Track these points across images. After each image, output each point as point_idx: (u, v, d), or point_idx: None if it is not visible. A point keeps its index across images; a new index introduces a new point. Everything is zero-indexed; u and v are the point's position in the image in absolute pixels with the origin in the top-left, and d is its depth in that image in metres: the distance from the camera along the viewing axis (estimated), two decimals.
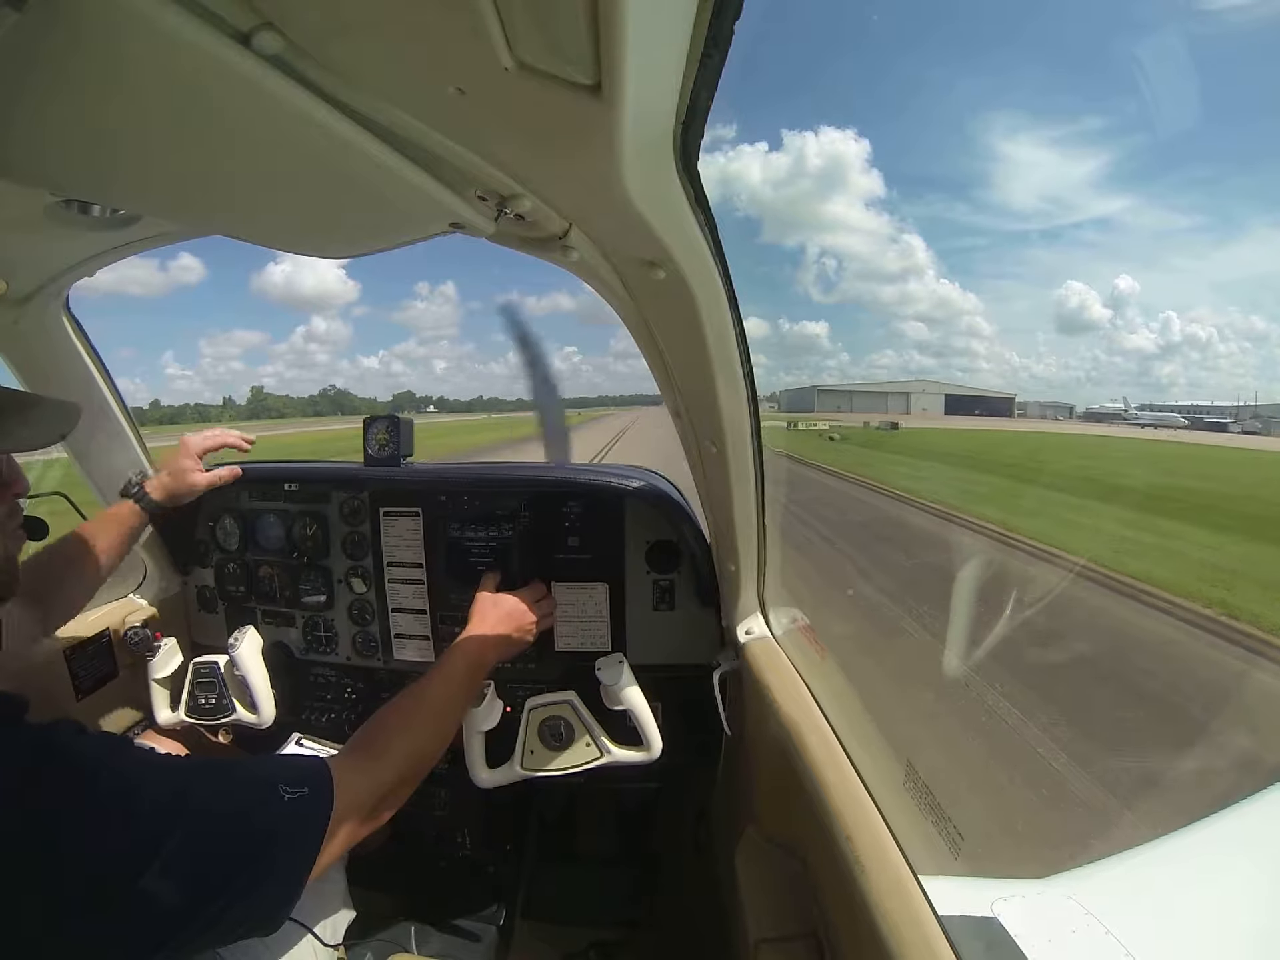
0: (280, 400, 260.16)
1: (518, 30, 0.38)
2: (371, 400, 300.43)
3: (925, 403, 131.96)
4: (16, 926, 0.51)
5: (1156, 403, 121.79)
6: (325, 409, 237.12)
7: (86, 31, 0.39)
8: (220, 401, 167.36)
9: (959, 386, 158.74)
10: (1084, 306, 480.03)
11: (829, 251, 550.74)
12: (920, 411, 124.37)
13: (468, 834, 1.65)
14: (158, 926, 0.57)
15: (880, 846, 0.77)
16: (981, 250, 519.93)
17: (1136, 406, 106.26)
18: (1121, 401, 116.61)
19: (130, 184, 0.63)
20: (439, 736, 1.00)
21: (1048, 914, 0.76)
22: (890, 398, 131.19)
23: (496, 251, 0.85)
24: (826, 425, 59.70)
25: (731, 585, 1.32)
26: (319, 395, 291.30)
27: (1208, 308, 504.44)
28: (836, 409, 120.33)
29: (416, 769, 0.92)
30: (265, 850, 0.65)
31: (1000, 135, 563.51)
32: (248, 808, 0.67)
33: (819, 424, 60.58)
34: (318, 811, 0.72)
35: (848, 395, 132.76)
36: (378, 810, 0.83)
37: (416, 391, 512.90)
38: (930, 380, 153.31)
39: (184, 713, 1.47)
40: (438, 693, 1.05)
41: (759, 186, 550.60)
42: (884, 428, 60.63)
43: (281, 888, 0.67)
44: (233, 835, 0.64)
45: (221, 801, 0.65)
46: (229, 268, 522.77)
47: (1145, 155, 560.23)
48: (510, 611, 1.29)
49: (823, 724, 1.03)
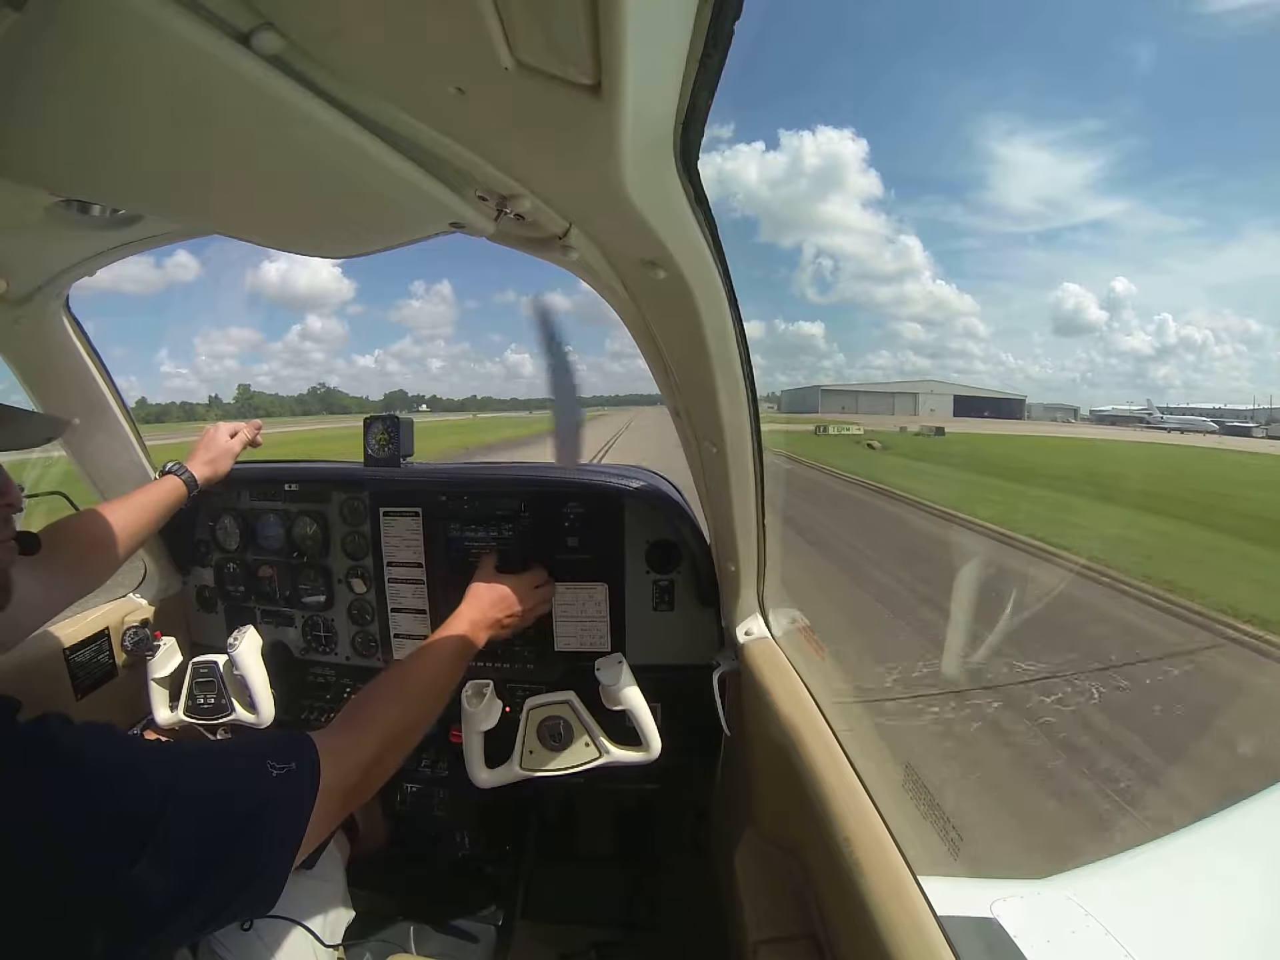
0: (268, 399, 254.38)
1: (518, 30, 0.38)
2: (362, 399, 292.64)
3: (933, 403, 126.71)
4: (17, 921, 0.52)
5: (1175, 405, 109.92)
6: (314, 408, 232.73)
7: (86, 31, 0.39)
8: (206, 400, 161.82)
9: (967, 387, 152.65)
10: (1080, 309, 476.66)
11: (825, 252, 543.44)
12: (929, 413, 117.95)
13: (467, 834, 1.65)
14: (155, 909, 0.57)
15: (880, 847, 0.77)
16: (978, 252, 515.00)
17: (1160, 409, 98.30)
18: (1144, 404, 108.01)
19: (130, 184, 0.63)
20: (425, 711, 1.00)
21: (1047, 914, 0.76)
22: (897, 398, 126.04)
23: (492, 251, 0.85)
24: (860, 429, 52.52)
25: (731, 585, 1.32)
26: (308, 394, 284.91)
27: (1203, 310, 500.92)
28: (841, 409, 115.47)
29: (402, 741, 0.92)
30: (256, 826, 0.65)
31: (997, 138, 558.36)
32: (236, 787, 0.67)
33: (851, 427, 53.89)
34: (305, 785, 0.72)
35: (853, 395, 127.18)
36: (364, 783, 0.83)
37: (409, 390, 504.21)
38: (937, 380, 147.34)
39: (183, 712, 1.47)
40: (425, 667, 1.06)
41: (756, 186, 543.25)
42: (926, 433, 51.87)
43: (273, 864, 0.67)
44: (223, 814, 0.64)
45: (210, 782, 0.65)
46: (224, 266, 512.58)
47: (1141, 158, 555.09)
48: (504, 595, 1.31)
49: (822, 725, 1.03)
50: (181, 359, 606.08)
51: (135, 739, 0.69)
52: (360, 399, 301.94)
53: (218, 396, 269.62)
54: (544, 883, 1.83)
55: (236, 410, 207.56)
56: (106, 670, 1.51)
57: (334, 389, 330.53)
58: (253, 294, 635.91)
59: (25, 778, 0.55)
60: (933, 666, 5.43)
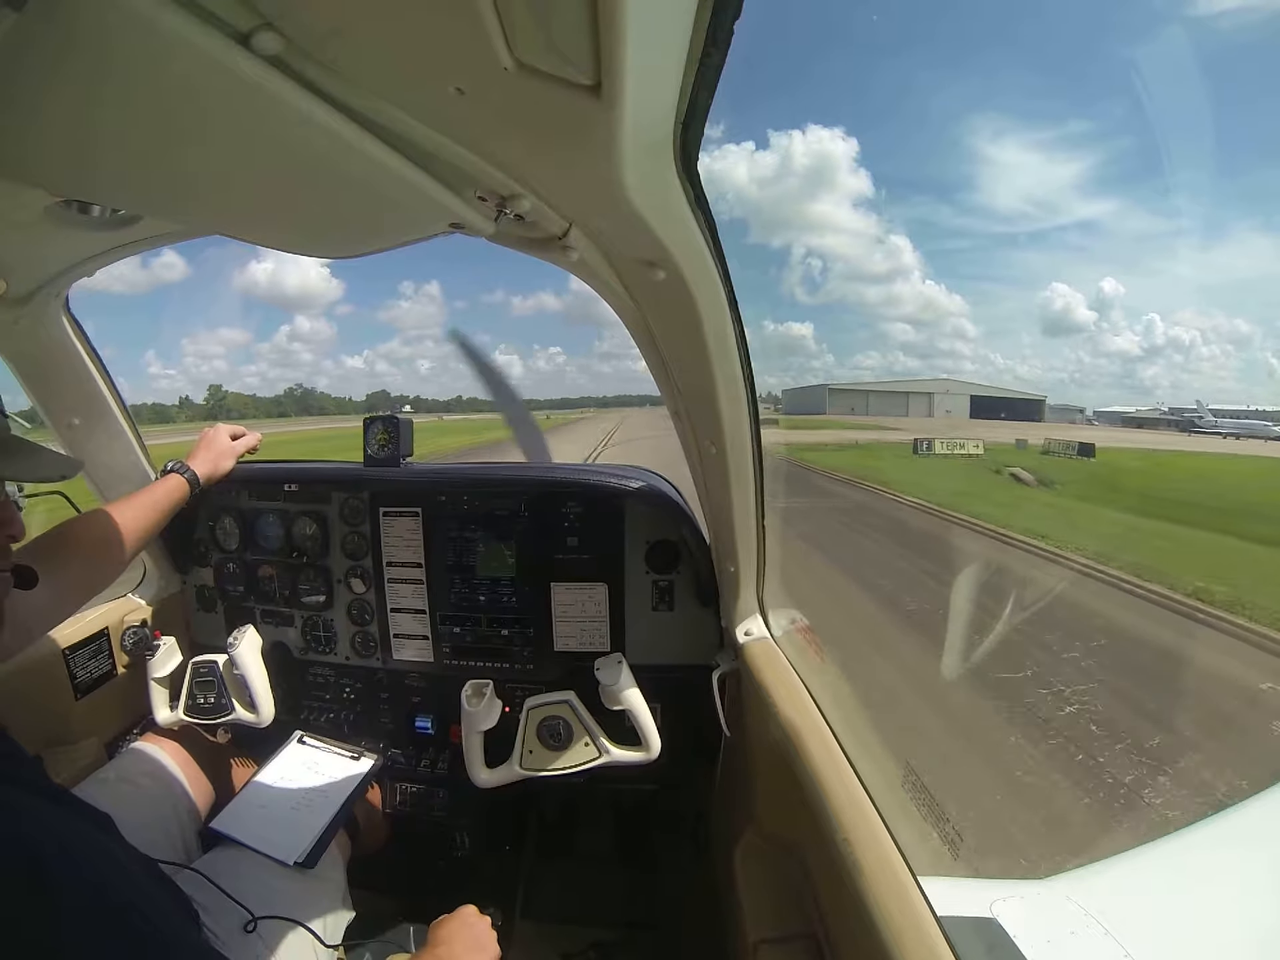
0: (241, 400, 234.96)
1: (518, 30, 0.38)
2: (341, 400, 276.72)
3: (949, 404, 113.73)
4: None
5: (1228, 407, 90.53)
6: (290, 409, 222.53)
7: (86, 32, 0.39)
8: (177, 401, 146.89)
9: (985, 386, 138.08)
10: (1069, 309, 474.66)
11: (815, 252, 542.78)
12: (944, 415, 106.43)
13: (467, 834, 1.65)
14: None
15: (879, 847, 0.77)
16: (967, 252, 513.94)
17: (1211, 411, 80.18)
18: (1195, 405, 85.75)
19: (130, 185, 0.63)
20: None
21: (1047, 914, 0.76)
22: (911, 398, 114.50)
23: (482, 251, 0.85)
24: (979, 447, 33.95)
25: (731, 586, 1.32)
26: (284, 395, 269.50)
27: (1191, 310, 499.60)
28: (850, 411, 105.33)
29: None
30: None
31: (986, 138, 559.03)
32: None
33: (967, 445, 34.82)
34: None
35: (863, 395, 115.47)
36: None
37: (392, 391, 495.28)
38: (952, 379, 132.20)
39: (183, 712, 1.47)
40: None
41: (745, 185, 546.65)
42: (1059, 451, 34.51)
43: None
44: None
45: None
46: (213, 264, 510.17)
47: (1129, 159, 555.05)
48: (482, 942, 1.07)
49: (822, 725, 1.03)
50: (169, 360, 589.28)
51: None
52: (339, 399, 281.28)
53: (188, 398, 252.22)
54: (544, 883, 1.83)
55: (208, 412, 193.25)
56: (106, 670, 1.51)
57: (311, 390, 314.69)
58: (241, 294, 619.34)
59: None
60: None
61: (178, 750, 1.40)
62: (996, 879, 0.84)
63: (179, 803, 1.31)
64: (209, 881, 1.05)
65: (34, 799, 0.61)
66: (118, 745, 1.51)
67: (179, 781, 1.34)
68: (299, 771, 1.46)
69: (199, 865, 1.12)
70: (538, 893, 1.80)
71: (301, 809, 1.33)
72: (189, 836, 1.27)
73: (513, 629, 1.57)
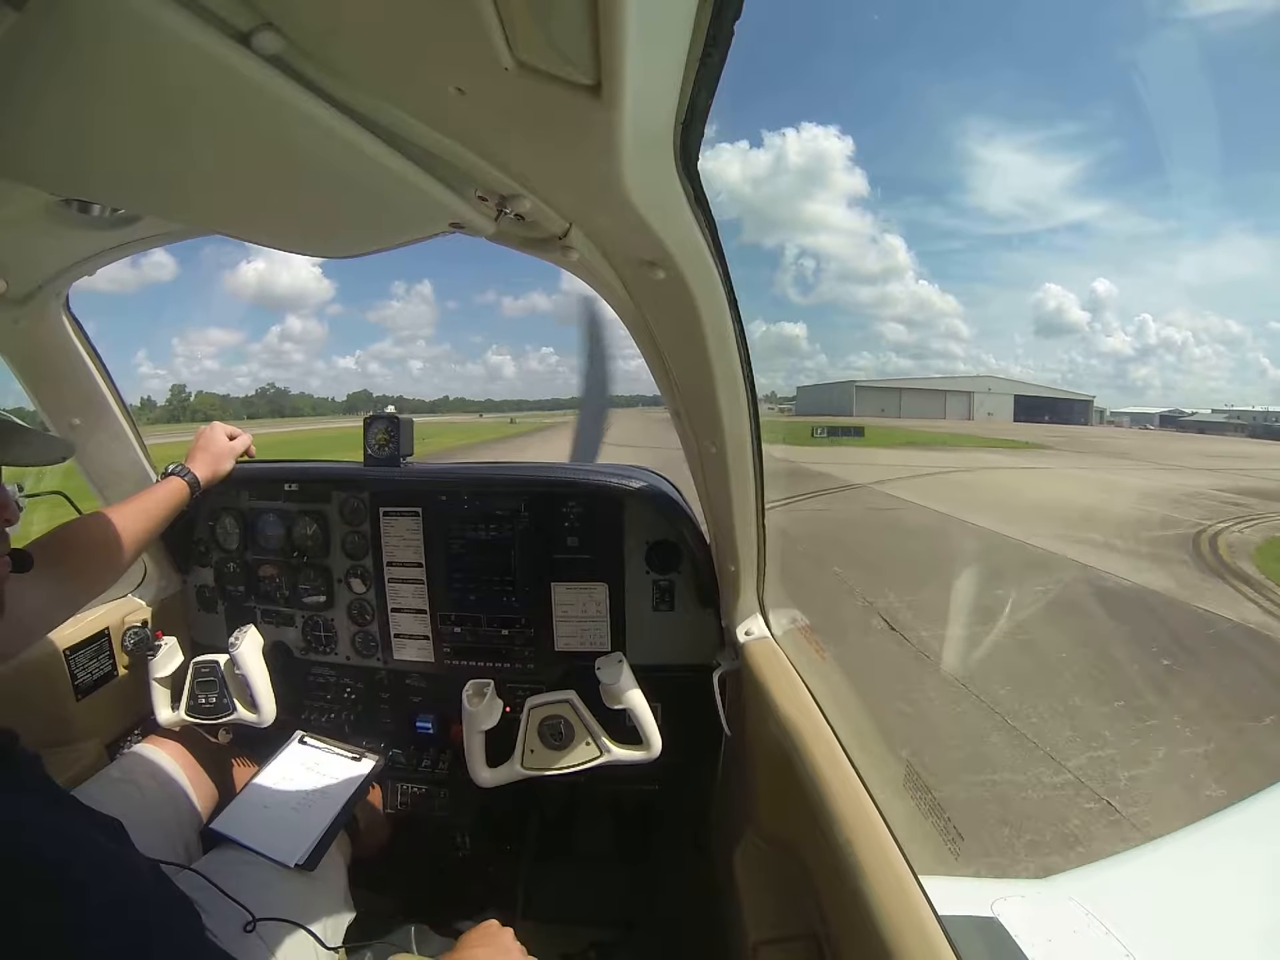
0: (207, 400, 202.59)
1: (518, 30, 0.38)
2: (318, 400, 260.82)
3: (991, 405, 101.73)
4: None
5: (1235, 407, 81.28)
6: (261, 411, 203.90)
7: (86, 32, 0.39)
8: (138, 403, 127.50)
9: (1029, 385, 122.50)
10: (1062, 309, 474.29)
11: (809, 252, 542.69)
12: (985, 417, 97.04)
13: (468, 834, 1.65)
14: None
15: (880, 847, 0.77)
16: (960, 253, 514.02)
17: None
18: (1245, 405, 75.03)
19: (130, 184, 0.63)
20: None
21: (1048, 914, 0.76)
22: (949, 398, 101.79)
23: (474, 251, 0.85)
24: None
25: (731, 586, 1.32)
26: (255, 395, 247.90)
27: (1183, 311, 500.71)
28: (881, 411, 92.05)
29: None
30: None
31: (977, 140, 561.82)
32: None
33: None
34: None
35: (895, 394, 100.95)
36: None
37: (374, 391, 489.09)
38: (995, 376, 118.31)
39: (184, 712, 1.47)
40: None
41: (739, 184, 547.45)
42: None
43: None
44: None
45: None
46: (203, 264, 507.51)
47: (1120, 161, 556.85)
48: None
49: (822, 725, 1.03)
50: (159, 360, 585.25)
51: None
52: (314, 399, 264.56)
53: (151, 399, 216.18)
54: (544, 883, 1.83)
55: (168, 414, 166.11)
56: (107, 671, 1.51)
57: (284, 390, 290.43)
58: (231, 294, 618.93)
59: None
60: None
61: (179, 751, 1.40)
62: (998, 878, 0.84)
63: (180, 804, 1.31)
64: (209, 882, 1.05)
65: (49, 811, 0.60)
66: (119, 746, 1.51)
67: (180, 782, 1.34)
68: (300, 772, 1.46)
69: (199, 866, 1.12)
70: (538, 893, 1.80)
71: (302, 810, 1.33)
72: (190, 837, 1.27)
73: (513, 629, 1.57)
